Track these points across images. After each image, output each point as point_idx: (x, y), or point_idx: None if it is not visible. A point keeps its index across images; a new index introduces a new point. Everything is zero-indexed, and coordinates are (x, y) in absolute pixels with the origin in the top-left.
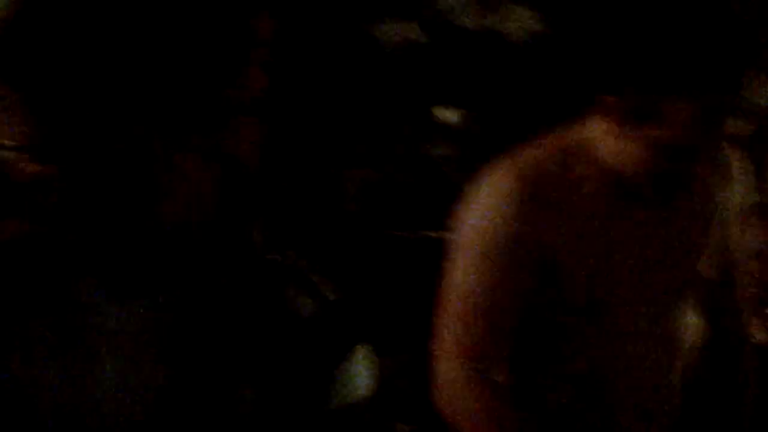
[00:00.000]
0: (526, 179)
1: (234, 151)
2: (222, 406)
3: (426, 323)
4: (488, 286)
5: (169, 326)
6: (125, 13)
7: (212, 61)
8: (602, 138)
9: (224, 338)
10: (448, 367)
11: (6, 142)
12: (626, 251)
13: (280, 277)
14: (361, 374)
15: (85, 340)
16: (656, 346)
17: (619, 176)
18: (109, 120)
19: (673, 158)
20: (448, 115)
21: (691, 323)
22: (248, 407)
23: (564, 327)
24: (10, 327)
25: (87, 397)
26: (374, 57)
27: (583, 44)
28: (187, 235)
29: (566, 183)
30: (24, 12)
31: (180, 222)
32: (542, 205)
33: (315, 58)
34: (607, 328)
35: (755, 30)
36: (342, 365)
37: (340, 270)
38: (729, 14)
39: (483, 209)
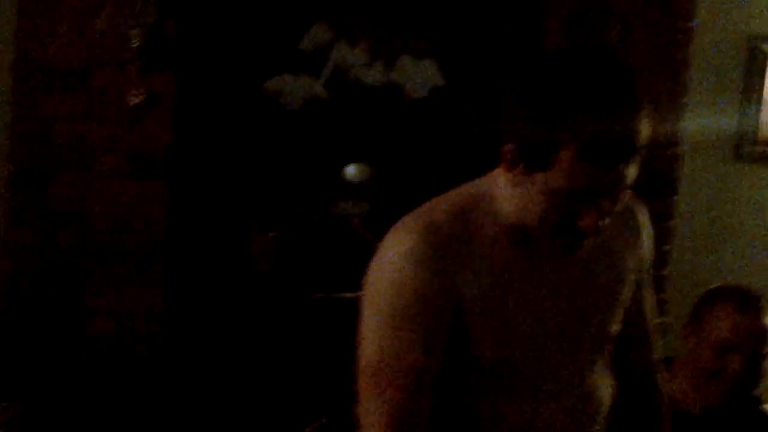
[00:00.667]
0: (427, 234)
1: None
2: None
3: (349, 386)
4: (400, 346)
5: None
6: None
7: None
8: (502, 188)
9: None
10: (367, 428)
11: None
12: (535, 305)
13: None
14: None
15: None
16: (577, 403)
17: (520, 226)
18: None
19: (567, 205)
20: (357, 173)
21: (605, 381)
22: None
23: (480, 385)
24: None
25: None
26: (277, 115)
27: (481, 96)
28: None
29: (468, 235)
30: None
31: None
32: (446, 259)
33: (216, 118)
34: (523, 386)
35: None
36: None
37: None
38: (615, 62)
39: (387, 267)
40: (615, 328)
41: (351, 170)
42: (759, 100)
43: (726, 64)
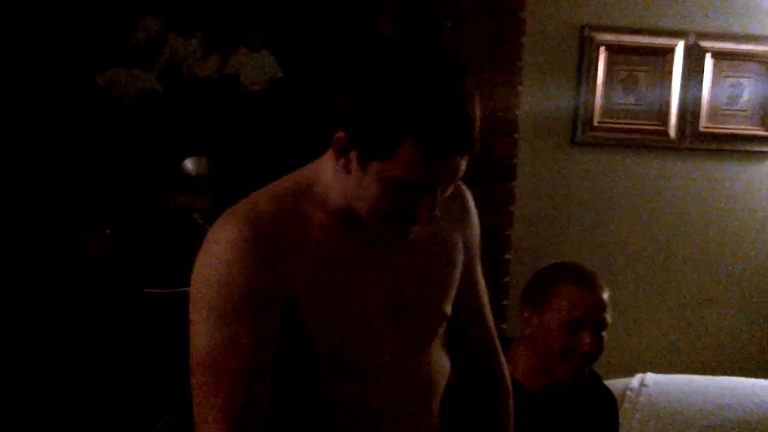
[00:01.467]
0: (251, 224)
1: None
2: None
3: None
4: (231, 340)
5: None
6: None
7: None
8: (329, 174)
9: None
10: (204, 427)
11: None
12: (366, 290)
13: None
14: None
15: None
16: (412, 388)
17: (348, 212)
18: None
19: (403, 194)
20: (195, 166)
21: (441, 361)
22: None
23: (315, 371)
24: None
25: None
26: (111, 109)
27: (320, 87)
28: None
29: (294, 224)
30: None
31: None
32: (272, 249)
33: (45, 113)
34: (358, 374)
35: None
36: None
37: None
38: (448, 54)
39: (212, 260)
40: (448, 308)
41: (189, 164)
42: (592, 88)
43: (560, 53)
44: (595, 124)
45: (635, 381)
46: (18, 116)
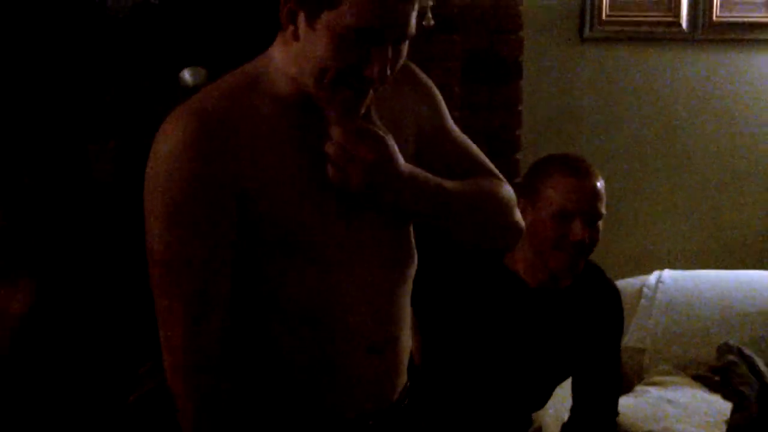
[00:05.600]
0: (197, 120)
1: None
2: None
3: None
4: (186, 237)
5: None
6: None
7: None
8: (278, 59)
9: None
10: (166, 324)
11: None
12: (321, 183)
13: None
14: None
15: None
16: (381, 269)
17: (300, 103)
18: None
19: (354, 46)
20: (193, 76)
21: (401, 235)
22: None
23: (271, 265)
24: None
25: None
26: (105, 21)
27: None
28: None
29: (243, 117)
30: None
31: None
32: (220, 144)
33: (39, 28)
34: (321, 264)
35: None
36: None
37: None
38: None
39: (160, 159)
40: None
41: (187, 74)
42: None
43: None
44: (604, 18)
45: (652, 278)
46: (10, 32)
